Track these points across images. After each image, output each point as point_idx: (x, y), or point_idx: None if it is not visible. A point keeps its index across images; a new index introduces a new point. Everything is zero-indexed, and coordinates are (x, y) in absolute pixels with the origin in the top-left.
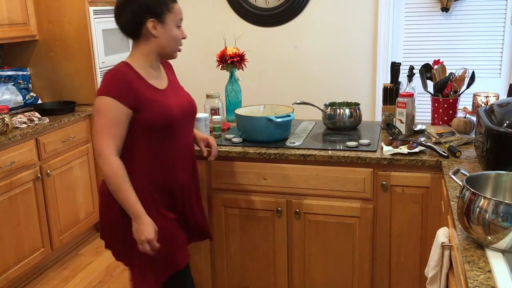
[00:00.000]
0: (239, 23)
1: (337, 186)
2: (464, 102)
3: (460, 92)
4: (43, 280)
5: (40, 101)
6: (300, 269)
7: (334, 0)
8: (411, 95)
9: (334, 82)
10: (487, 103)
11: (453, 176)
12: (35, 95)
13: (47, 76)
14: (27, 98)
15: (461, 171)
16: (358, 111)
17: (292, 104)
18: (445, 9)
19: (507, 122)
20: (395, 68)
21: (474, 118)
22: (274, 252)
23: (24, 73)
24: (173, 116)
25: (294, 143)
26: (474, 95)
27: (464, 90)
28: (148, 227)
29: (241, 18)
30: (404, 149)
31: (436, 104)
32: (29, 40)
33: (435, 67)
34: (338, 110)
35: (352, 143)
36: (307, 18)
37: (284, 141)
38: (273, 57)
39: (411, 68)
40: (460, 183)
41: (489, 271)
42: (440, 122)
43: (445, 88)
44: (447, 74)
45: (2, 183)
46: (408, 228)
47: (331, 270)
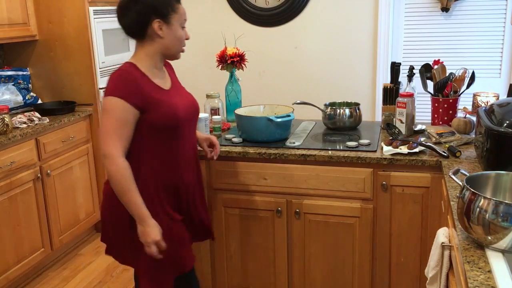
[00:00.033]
0: (239, 23)
1: (337, 186)
2: (464, 102)
3: (460, 92)
4: (43, 280)
5: (40, 101)
6: (300, 269)
7: (334, 0)
8: (411, 95)
9: (334, 82)
10: (487, 103)
11: (453, 176)
12: (35, 95)
13: (47, 76)
14: (27, 98)
15: (461, 171)
16: (358, 111)
17: (292, 104)
18: (445, 9)
19: (507, 122)
20: (395, 68)
21: (474, 118)
22: (274, 252)
23: (24, 73)
24: (179, 116)
25: (294, 143)
26: (474, 95)
27: (464, 90)
28: (154, 228)
29: (241, 18)
30: (404, 149)
31: (436, 104)
32: (29, 40)
33: (435, 67)
34: (338, 110)
35: (352, 143)
36: (307, 18)
37: (284, 141)
38: (273, 57)
39: (411, 68)
40: (460, 183)
41: (489, 271)
42: (440, 122)
43: (445, 88)
44: (447, 74)
45: (2, 183)
46: (408, 228)
47: (331, 270)
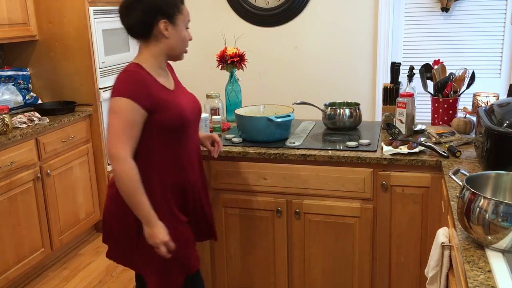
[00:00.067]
0: (239, 23)
1: (337, 186)
2: (464, 102)
3: (460, 92)
4: (43, 280)
5: (40, 101)
6: (300, 269)
7: (334, 0)
8: (411, 95)
9: (334, 82)
10: (487, 103)
11: (453, 176)
12: (35, 95)
13: (47, 76)
14: (27, 98)
15: (461, 171)
16: (358, 111)
17: (292, 104)
18: (445, 9)
19: (507, 122)
20: (395, 68)
21: (474, 118)
22: (274, 252)
23: (24, 73)
24: (186, 116)
25: (294, 143)
26: (474, 95)
27: (464, 90)
28: (161, 229)
29: (241, 18)
30: (404, 149)
31: (436, 104)
32: (29, 40)
33: (435, 67)
34: (338, 110)
35: (352, 143)
36: (307, 18)
37: (284, 141)
38: (273, 57)
39: (411, 68)
40: (460, 183)
41: (489, 271)
42: (440, 122)
43: (445, 88)
44: (447, 74)
45: (2, 183)
46: (408, 228)
47: (331, 270)
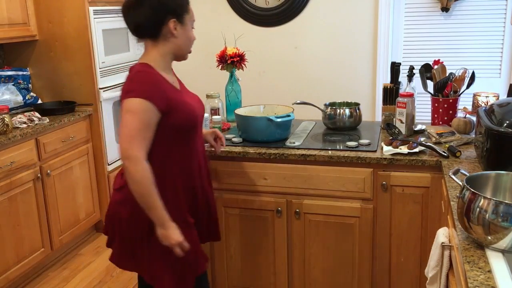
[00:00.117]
0: (239, 23)
1: (337, 186)
2: (464, 102)
3: (460, 92)
4: (43, 280)
5: (40, 101)
6: (300, 269)
7: (334, 0)
8: (411, 95)
9: (334, 82)
10: (487, 103)
11: (453, 176)
12: (35, 95)
13: (47, 76)
14: (27, 98)
15: (461, 171)
16: (358, 111)
17: (292, 104)
18: (445, 9)
19: (507, 122)
20: (395, 68)
21: (474, 118)
22: (274, 252)
23: (24, 73)
24: (196, 116)
25: (294, 143)
26: (474, 95)
27: (464, 90)
28: (175, 230)
29: (241, 18)
30: (404, 149)
31: (436, 104)
32: (29, 40)
33: (435, 67)
34: (338, 110)
35: (352, 143)
36: (307, 18)
37: (284, 141)
38: (273, 57)
39: (411, 68)
40: (460, 183)
41: (489, 271)
42: (440, 122)
43: (445, 88)
44: (447, 74)
45: (2, 183)
46: (408, 228)
47: (331, 270)
